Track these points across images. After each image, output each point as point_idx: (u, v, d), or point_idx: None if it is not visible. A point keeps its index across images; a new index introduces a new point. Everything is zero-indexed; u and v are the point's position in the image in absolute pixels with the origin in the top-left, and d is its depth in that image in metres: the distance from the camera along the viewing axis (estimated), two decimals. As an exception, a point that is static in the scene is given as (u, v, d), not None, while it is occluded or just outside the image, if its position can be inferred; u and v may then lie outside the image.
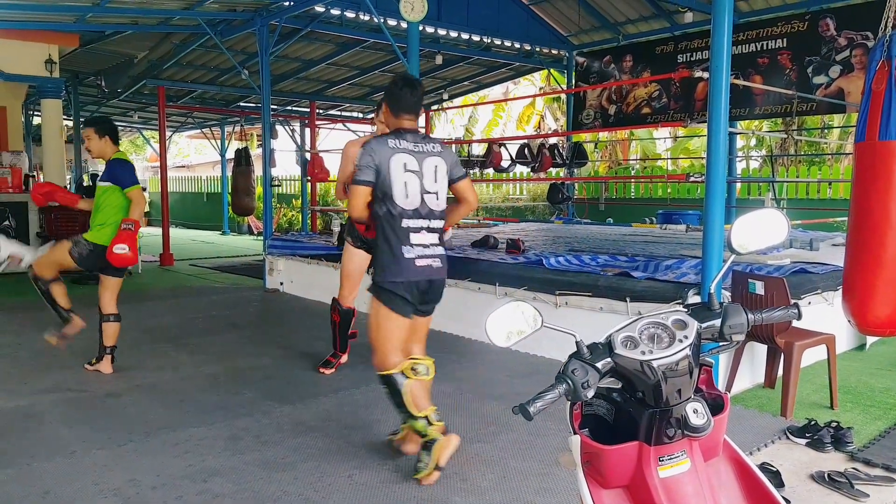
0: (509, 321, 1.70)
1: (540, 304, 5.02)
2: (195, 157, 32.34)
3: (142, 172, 32.02)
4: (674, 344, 1.49)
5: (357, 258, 4.77)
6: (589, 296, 4.99)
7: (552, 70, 12.66)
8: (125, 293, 5.03)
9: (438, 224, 3.18)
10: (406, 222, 3.08)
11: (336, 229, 8.18)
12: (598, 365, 1.49)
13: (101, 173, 4.84)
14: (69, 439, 3.59)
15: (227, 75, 12.37)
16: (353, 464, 3.27)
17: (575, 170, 10.59)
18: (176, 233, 15.49)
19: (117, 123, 19.17)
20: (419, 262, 3.10)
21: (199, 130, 19.11)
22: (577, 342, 1.54)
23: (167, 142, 12.39)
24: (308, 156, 11.92)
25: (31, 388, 4.44)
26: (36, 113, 14.91)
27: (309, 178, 11.95)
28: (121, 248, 4.44)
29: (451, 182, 3.23)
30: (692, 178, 5.63)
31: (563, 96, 14.56)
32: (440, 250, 3.20)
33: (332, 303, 4.99)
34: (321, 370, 4.81)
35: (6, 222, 7.53)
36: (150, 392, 4.42)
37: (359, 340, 5.81)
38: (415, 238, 3.10)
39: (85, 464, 3.28)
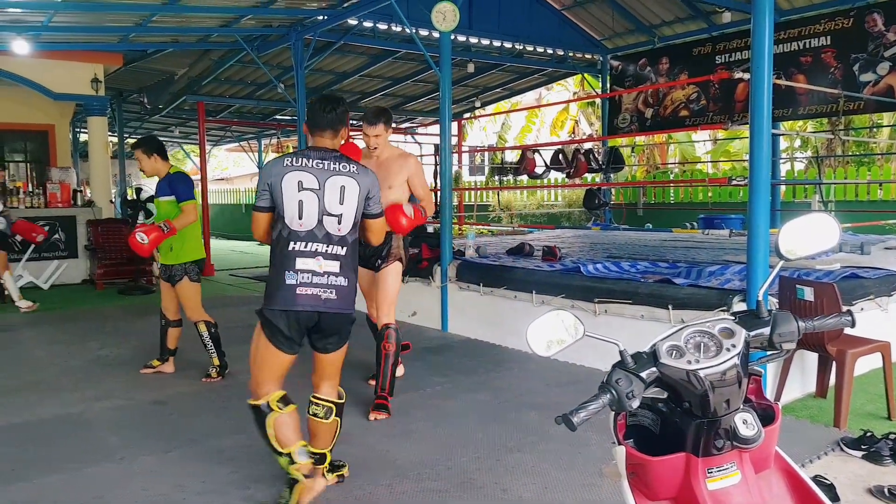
0: (550, 330, 1.68)
1: (578, 312, 4.97)
2: (233, 169, 32.96)
3: (184, 185, 32.78)
4: (721, 353, 1.46)
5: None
6: (629, 303, 4.92)
7: (586, 75, 12.57)
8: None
9: (339, 251, 2.86)
10: (294, 245, 2.80)
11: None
12: (643, 375, 1.47)
13: (156, 188, 4.98)
14: (117, 446, 3.67)
15: (263, 89, 12.59)
16: (392, 473, 3.27)
17: (611, 175, 10.48)
18: (216, 244, 15.75)
19: (160, 139, 19.71)
20: (301, 291, 2.77)
21: (237, 144, 19.48)
22: (620, 351, 1.52)
23: (207, 155, 12.64)
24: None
25: (81, 396, 4.55)
26: (82, 130, 15.37)
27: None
28: (141, 238, 4.54)
29: (365, 216, 2.96)
30: (734, 182, 5.52)
31: (598, 101, 14.43)
32: (338, 280, 2.84)
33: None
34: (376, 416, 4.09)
35: (56, 235, 7.83)
36: (194, 399, 4.50)
37: (414, 345, 5.85)
38: (301, 263, 2.78)
39: (133, 470, 3.35)
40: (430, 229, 9.44)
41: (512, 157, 12.73)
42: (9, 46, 8.15)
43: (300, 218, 2.81)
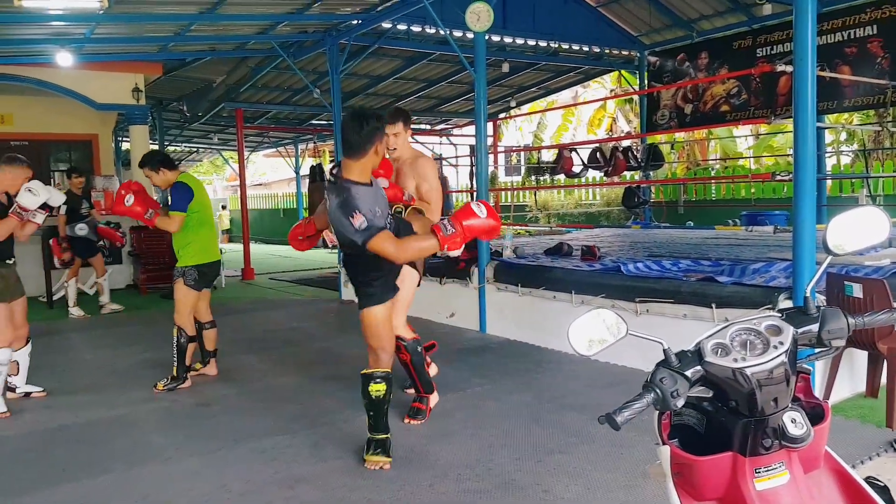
0: (592, 330, 1.67)
1: (619, 311, 4.90)
2: (271, 174, 33.42)
3: (222, 191, 33.38)
4: (768, 350, 1.42)
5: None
6: (671, 302, 4.84)
7: (623, 71, 12.43)
8: (210, 306, 5.23)
9: None
10: None
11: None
12: (688, 373, 1.45)
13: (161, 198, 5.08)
14: (163, 446, 3.75)
15: (299, 95, 12.75)
16: (433, 473, 3.27)
17: (651, 172, 10.33)
18: (255, 248, 16.01)
19: (198, 145, 20.13)
20: None
21: (274, 149, 19.77)
22: (664, 350, 1.50)
23: (245, 161, 12.86)
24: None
25: (128, 399, 4.67)
26: (124, 139, 15.78)
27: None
28: (128, 199, 4.64)
29: None
30: (778, 177, 5.38)
31: (636, 98, 14.25)
32: None
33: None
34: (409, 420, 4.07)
35: (101, 242, 8.05)
36: (237, 401, 4.57)
37: (452, 347, 5.86)
38: None
39: (179, 470, 3.42)
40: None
41: (549, 156, 12.65)
42: (53, 59, 8.41)
43: None
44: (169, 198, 4.82)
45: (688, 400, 1.50)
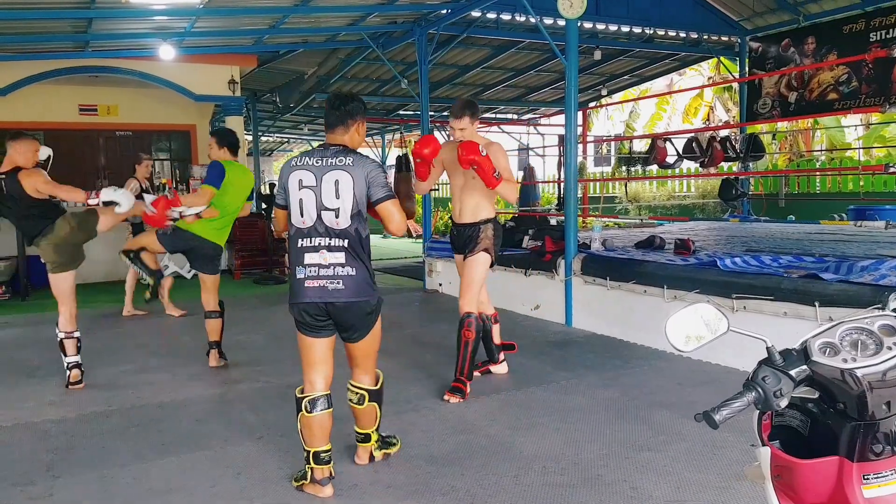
0: (690, 325, 1.61)
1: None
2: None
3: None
4: (882, 351, 1.33)
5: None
6: (771, 300, 4.61)
7: (722, 58, 11.90)
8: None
9: (342, 242, 2.92)
10: (301, 242, 2.95)
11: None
12: (793, 373, 1.38)
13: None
14: (256, 425, 3.90)
15: (387, 85, 12.92)
16: (517, 465, 3.25)
17: (750, 164, 9.86)
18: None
19: (289, 136, 20.68)
20: (309, 284, 2.92)
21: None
22: (768, 348, 1.43)
23: (334, 151, 13.14)
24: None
25: (223, 378, 4.89)
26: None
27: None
28: (150, 210, 4.72)
29: (372, 203, 2.97)
30: (892, 169, 5.02)
31: (736, 85, 13.63)
32: (346, 271, 2.92)
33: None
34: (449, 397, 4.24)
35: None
36: (326, 385, 4.69)
37: (537, 339, 5.82)
38: (308, 258, 2.93)
39: (270, 448, 3.55)
40: (553, 221, 9.31)
41: (640, 146, 12.27)
42: (156, 52, 8.87)
43: (301, 215, 2.94)
44: (205, 174, 5.01)
45: (791, 400, 1.43)
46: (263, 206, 11.85)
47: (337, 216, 2.90)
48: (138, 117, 11.33)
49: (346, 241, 2.92)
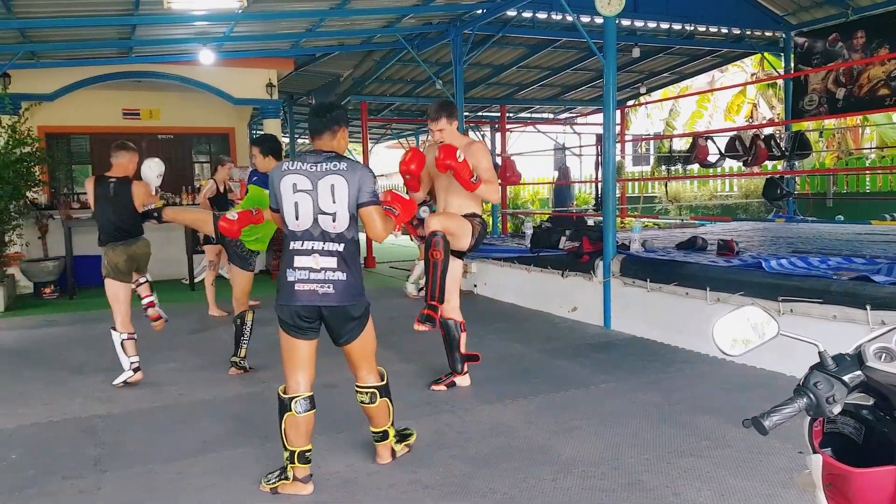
0: (738, 329, 1.56)
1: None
2: (392, 165, 34.32)
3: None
4: (943, 358, 1.27)
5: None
6: (819, 303, 4.46)
7: (766, 54, 11.63)
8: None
9: (337, 247, 2.96)
10: (294, 244, 2.99)
11: (528, 232, 8.18)
12: (846, 378, 1.33)
13: (250, 176, 5.28)
14: (295, 425, 3.92)
15: (422, 87, 12.94)
16: (555, 468, 3.21)
17: (796, 162, 9.60)
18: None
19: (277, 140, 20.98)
20: (299, 287, 2.95)
21: (396, 140, 20.22)
22: (820, 353, 1.38)
23: (368, 152, 13.24)
24: (499, 160, 12.07)
25: (261, 377, 4.95)
26: (258, 131, 16.69)
27: (500, 181, 12.09)
28: (231, 215, 4.73)
29: (358, 206, 2.98)
30: (948, 165, 4.82)
31: (780, 82, 13.30)
32: (336, 276, 2.96)
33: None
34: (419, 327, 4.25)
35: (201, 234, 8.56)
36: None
37: (575, 342, 5.76)
38: (300, 261, 2.96)
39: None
40: (590, 222, 9.21)
41: (681, 144, 12.08)
42: (196, 56, 9.04)
43: (296, 218, 2.97)
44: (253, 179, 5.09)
45: (844, 407, 1.38)
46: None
47: (334, 220, 2.95)
48: (179, 121, 11.56)
49: (342, 245, 2.98)
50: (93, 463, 3.45)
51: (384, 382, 3.26)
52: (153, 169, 5.38)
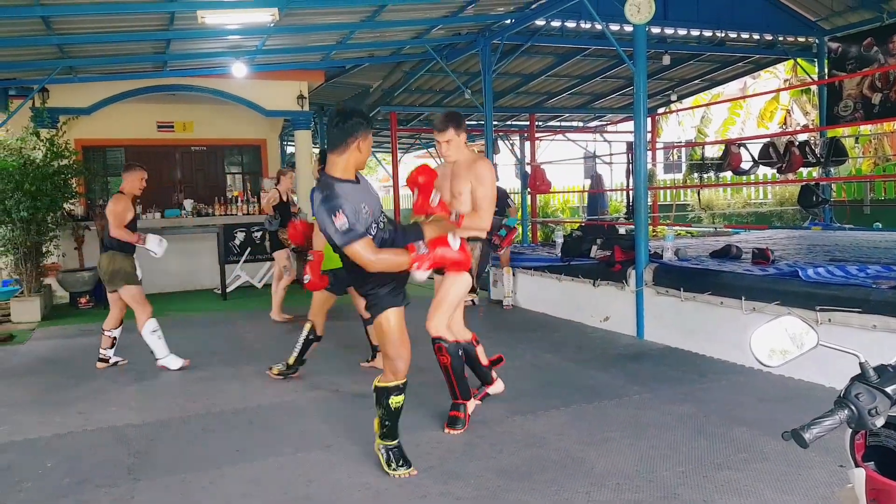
0: (776, 339, 1.53)
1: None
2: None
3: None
4: None
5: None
6: (858, 312, 4.35)
7: (799, 59, 11.44)
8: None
9: None
10: None
11: (559, 240, 8.12)
12: (889, 390, 1.30)
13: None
14: (326, 433, 3.93)
15: (451, 96, 12.98)
16: (589, 480, 3.16)
17: (832, 169, 9.41)
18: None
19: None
20: None
21: (425, 150, 20.30)
22: (861, 363, 1.35)
23: (398, 162, 13.29)
24: (528, 168, 12.03)
25: (294, 386, 4.97)
26: (289, 143, 16.90)
27: (529, 190, 12.07)
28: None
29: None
30: None
31: (814, 88, 13.07)
32: None
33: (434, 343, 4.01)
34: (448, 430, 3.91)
35: (267, 241, 8.63)
36: (393, 395, 4.70)
37: (607, 352, 5.70)
38: None
39: (339, 457, 3.57)
40: (622, 230, 9.12)
41: (713, 152, 11.92)
42: (229, 70, 9.18)
43: None
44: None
45: (888, 419, 1.35)
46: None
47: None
48: (212, 133, 11.76)
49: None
50: (126, 471, 3.49)
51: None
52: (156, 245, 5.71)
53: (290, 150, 17.35)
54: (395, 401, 3.24)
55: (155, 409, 4.54)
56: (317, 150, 15.84)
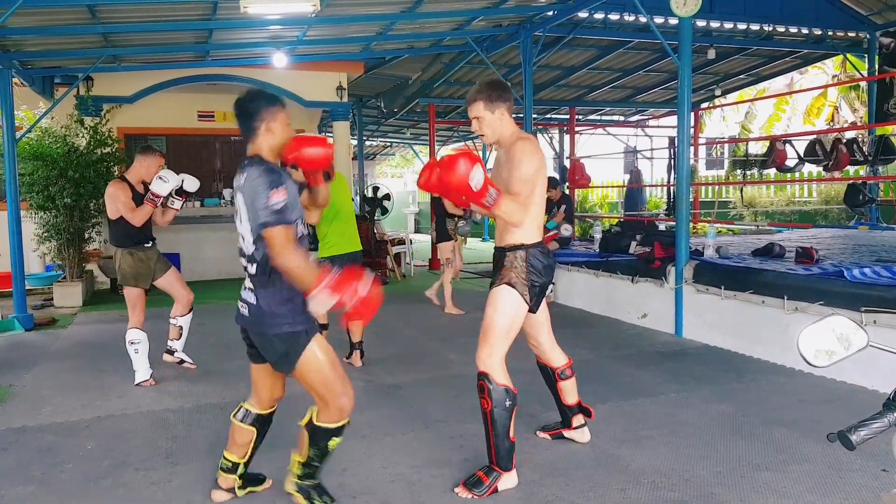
0: (823, 339, 1.50)
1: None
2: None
3: (412, 184, 35.00)
4: None
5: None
6: (906, 313, 4.23)
7: (848, 55, 11.11)
8: (399, 294, 5.44)
9: (250, 268, 2.69)
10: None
11: (597, 236, 8.02)
12: (940, 394, 1.26)
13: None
14: (360, 424, 3.95)
15: (489, 89, 12.89)
16: (624, 478, 3.13)
17: (880, 167, 9.13)
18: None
19: (392, 140, 21.06)
20: (239, 303, 2.78)
21: (462, 143, 20.29)
22: (917, 366, 1.29)
23: (436, 155, 13.31)
24: (567, 162, 11.92)
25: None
26: (327, 134, 17.03)
27: (568, 184, 11.96)
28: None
29: (260, 227, 2.55)
30: None
31: (864, 84, 12.68)
32: (250, 297, 2.70)
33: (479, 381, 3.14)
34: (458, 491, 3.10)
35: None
36: (428, 386, 4.73)
37: (645, 349, 5.63)
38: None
39: (374, 448, 3.59)
40: (661, 227, 8.98)
41: (757, 148, 11.65)
42: (270, 60, 9.27)
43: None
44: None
45: None
46: (367, 208, 12.15)
47: (244, 240, 2.70)
48: (252, 122, 11.89)
49: (253, 266, 2.68)
50: (165, 455, 3.56)
51: (307, 421, 2.88)
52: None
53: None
54: (335, 442, 2.86)
55: (193, 395, 4.63)
56: (354, 142, 15.96)
